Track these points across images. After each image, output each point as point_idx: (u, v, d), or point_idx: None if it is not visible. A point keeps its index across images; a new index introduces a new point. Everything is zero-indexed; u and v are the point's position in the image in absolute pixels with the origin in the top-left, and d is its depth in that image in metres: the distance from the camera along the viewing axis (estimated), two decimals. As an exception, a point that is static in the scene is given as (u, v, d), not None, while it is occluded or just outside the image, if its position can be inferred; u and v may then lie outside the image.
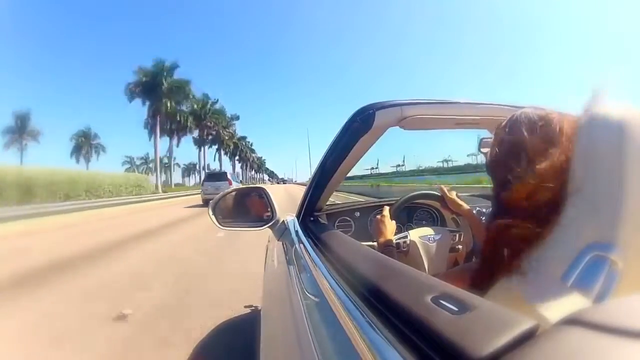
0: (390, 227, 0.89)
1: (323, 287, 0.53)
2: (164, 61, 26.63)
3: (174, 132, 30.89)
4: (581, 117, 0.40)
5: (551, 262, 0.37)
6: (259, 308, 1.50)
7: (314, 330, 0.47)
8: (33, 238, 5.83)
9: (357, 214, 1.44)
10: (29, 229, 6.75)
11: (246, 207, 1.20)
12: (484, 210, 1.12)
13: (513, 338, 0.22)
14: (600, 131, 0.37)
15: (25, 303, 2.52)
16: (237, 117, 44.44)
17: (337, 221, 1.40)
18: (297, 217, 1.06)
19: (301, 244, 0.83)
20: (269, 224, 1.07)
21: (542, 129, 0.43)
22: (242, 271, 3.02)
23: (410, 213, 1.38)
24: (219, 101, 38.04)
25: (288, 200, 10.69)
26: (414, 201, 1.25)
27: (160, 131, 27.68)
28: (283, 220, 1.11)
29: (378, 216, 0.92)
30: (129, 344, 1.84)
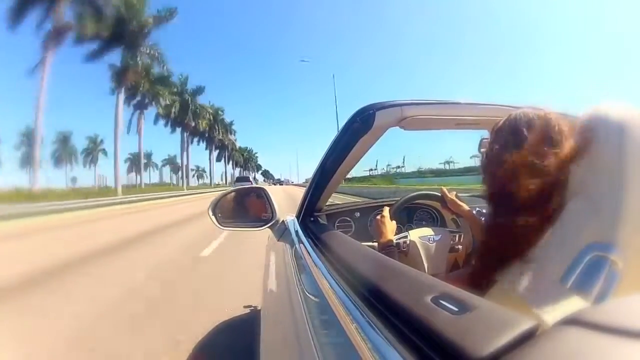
0: (390, 228, 0.89)
1: (323, 287, 0.53)
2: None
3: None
4: (581, 117, 0.40)
5: (551, 262, 0.37)
6: (259, 308, 1.50)
7: (314, 330, 0.47)
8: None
9: (357, 214, 1.43)
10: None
11: (246, 208, 1.20)
12: (484, 210, 1.12)
13: (513, 338, 0.22)
14: (600, 131, 0.37)
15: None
16: (232, 123, 44.40)
17: (337, 221, 1.40)
18: (297, 218, 1.06)
19: (301, 244, 0.83)
20: (269, 224, 1.07)
21: (541, 129, 0.43)
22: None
23: (410, 213, 1.38)
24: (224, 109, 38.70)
25: (287, 199, 10.46)
26: (414, 201, 1.25)
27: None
28: (283, 220, 1.11)
29: (378, 217, 0.92)
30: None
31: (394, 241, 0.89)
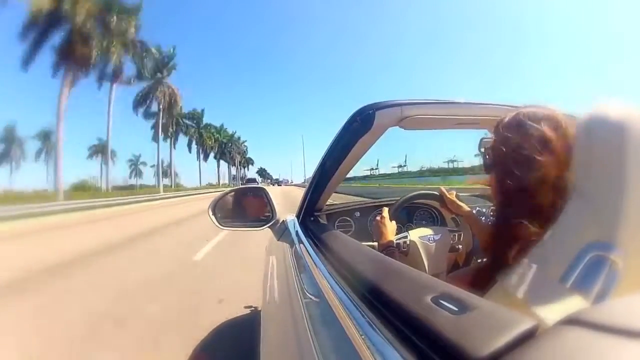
0: (390, 228, 0.88)
1: (323, 287, 0.53)
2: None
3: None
4: (581, 117, 0.40)
5: (551, 262, 0.37)
6: (259, 309, 1.50)
7: (314, 330, 0.47)
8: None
9: (357, 214, 1.43)
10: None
11: (246, 207, 1.20)
12: (484, 210, 1.12)
13: (513, 338, 0.22)
14: (600, 131, 0.37)
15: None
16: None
17: (337, 221, 1.40)
18: (297, 217, 1.06)
19: (301, 244, 0.83)
20: (269, 224, 1.06)
21: (543, 129, 0.43)
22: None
23: (410, 213, 1.38)
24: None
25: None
26: (414, 201, 1.25)
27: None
28: (283, 220, 1.11)
29: (378, 217, 0.92)
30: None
31: (394, 242, 0.89)
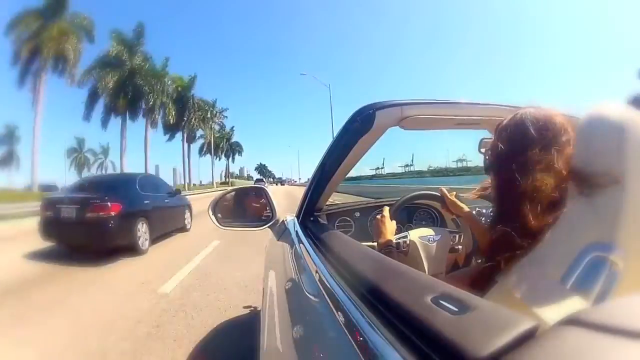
0: (390, 228, 0.88)
1: (323, 287, 0.53)
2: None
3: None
4: (582, 118, 0.40)
5: (551, 262, 0.37)
6: (259, 309, 1.50)
7: (314, 330, 0.47)
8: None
9: (357, 214, 1.43)
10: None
11: (246, 207, 1.20)
12: (484, 210, 1.12)
13: (513, 338, 0.22)
14: (600, 131, 0.37)
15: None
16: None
17: (337, 221, 1.40)
18: (297, 217, 1.06)
19: (301, 244, 0.83)
20: (269, 224, 1.06)
21: (545, 130, 0.43)
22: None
23: (410, 213, 1.38)
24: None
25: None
26: (414, 201, 1.25)
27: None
28: (283, 220, 1.11)
29: (378, 216, 0.92)
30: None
31: (394, 241, 0.89)
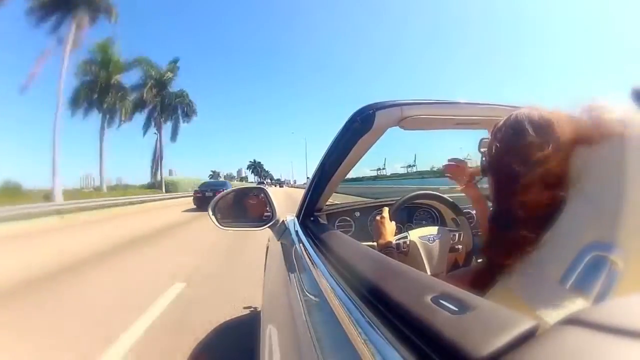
0: (389, 228, 0.88)
1: (323, 287, 0.53)
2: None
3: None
4: (581, 117, 0.40)
5: (551, 262, 0.37)
6: (258, 309, 1.50)
7: (314, 330, 0.47)
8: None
9: (357, 214, 1.44)
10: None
11: (246, 207, 1.20)
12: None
13: (513, 338, 0.22)
14: (600, 131, 0.37)
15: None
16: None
17: (337, 221, 1.40)
18: (297, 217, 1.06)
19: (301, 244, 0.83)
20: (269, 224, 1.06)
21: (541, 129, 0.43)
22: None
23: (410, 213, 1.38)
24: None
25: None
26: (414, 201, 1.25)
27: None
28: (283, 220, 1.11)
29: (377, 217, 0.92)
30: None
31: (394, 242, 0.89)
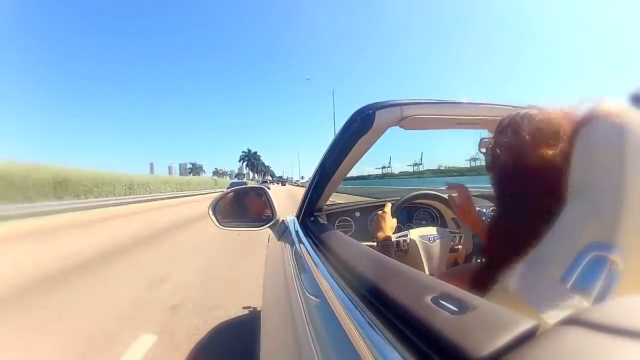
0: (390, 224, 0.89)
1: (323, 287, 0.53)
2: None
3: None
4: (581, 117, 0.40)
5: (551, 262, 0.37)
6: (258, 309, 1.50)
7: (314, 330, 0.47)
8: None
9: (357, 214, 1.44)
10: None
11: (246, 207, 1.20)
12: (484, 210, 1.12)
13: (513, 338, 0.22)
14: (600, 131, 0.37)
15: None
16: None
17: (337, 221, 1.40)
18: (297, 217, 1.06)
19: (301, 244, 0.83)
20: (269, 224, 1.06)
21: (542, 129, 0.43)
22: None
23: (410, 213, 1.38)
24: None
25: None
26: (415, 201, 1.25)
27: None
28: (283, 220, 1.11)
29: (379, 212, 0.92)
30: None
31: (394, 239, 0.89)
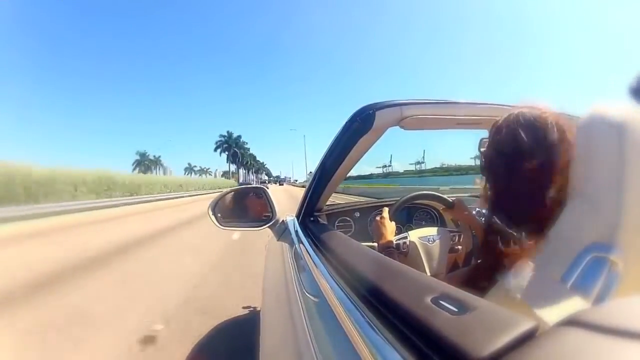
0: (389, 228, 0.88)
1: (323, 287, 0.53)
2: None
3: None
4: (581, 117, 0.40)
5: (551, 263, 0.37)
6: (258, 309, 1.50)
7: (314, 330, 0.47)
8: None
9: (357, 214, 1.43)
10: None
11: (246, 207, 1.20)
12: (484, 211, 1.12)
13: (513, 339, 0.22)
14: (600, 131, 0.37)
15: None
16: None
17: (337, 221, 1.40)
18: (297, 217, 1.06)
19: (301, 244, 0.83)
20: (269, 224, 1.06)
21: (539, 130, 0.43)
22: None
23: (409, 213, 1.38)
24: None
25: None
26: (414, 202, 1.25)
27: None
28: (283, 220, 1.11)
29: (377, 218, 0.91)
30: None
31: (394, 242, 0.89)
